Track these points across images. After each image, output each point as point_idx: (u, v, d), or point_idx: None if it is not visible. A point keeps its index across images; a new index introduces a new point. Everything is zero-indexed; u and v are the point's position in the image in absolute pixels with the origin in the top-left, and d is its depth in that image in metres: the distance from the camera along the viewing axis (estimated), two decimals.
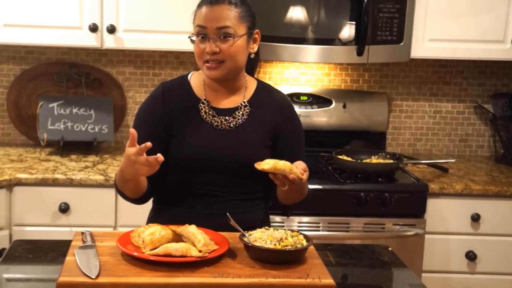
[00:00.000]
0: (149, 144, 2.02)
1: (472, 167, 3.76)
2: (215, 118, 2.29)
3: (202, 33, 2.21)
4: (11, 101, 3.81)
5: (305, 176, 2.11)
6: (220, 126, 2.28)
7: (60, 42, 3.48)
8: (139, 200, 2.31)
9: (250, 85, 2.36)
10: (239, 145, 2.26)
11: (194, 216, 2.23)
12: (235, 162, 2.22)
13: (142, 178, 2.19)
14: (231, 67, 2.24)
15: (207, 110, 2.30)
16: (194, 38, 2.24)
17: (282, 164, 2.06)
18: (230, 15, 2.20)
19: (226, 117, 2.29)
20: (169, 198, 2.30)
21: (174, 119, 2.28)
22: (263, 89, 2.38)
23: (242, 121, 2.30)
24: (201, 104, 2.30)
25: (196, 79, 2.36)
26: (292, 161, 2.24)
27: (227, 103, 2.32)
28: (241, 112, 2.31)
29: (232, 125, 2.29)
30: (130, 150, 2.05)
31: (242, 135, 2.27)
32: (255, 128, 2.30)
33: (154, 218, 2.37)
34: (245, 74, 2.36)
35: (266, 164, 2.05)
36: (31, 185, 3.19)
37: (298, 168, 2.09)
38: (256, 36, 2.31)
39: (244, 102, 2.32)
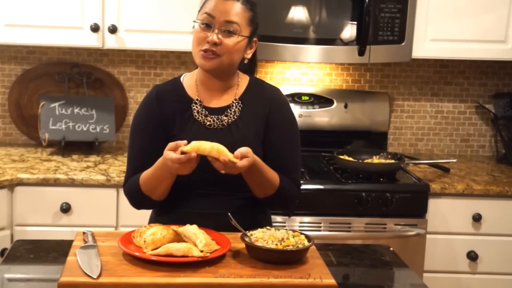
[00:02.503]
0: (183, 142, 2.07)
1: (473, 167, 3.76)
2: (208, 118, 2.29)
3: (208, 22, 2.21)
4: (13, 101, 3.81)
5: (243, 162, 2.06)
6: (213, 125, 2.28)
7: (61, 42, 3.48)
8: (157, 204, 2.31)
9: (242, 82, 2.36)
10: (233, 143, 2.24)
11: (195, 216, 2.23)
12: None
13: None
14: (225, 63, 2.25)
15: (199, 110, 2.30)
16: (197, 24, 2.23)
17: (207, 147, 2.03)
18: (241, 14, 2.22)
19: (219, 116, 2.29)
20: (170, 198, 2.30)
21: (170, 120, 2.29)
22: (255, 84, 2.38)
23: (234, 118, 2.30)
24: (194, 104, 2.30)
25: (188, 80, 2.37)
26: (280, 155, 2.27)
27: (219, 101, 2.32)
28: (233, 110, 2.31)
29: (225, 123, 2.29)
30: (169, 154, 2.07)
31: (235, 133, 2.27)
32: (248, 124, 2.30)
33: (155, 218, 2.38)
34: (238, 72, 2.36)
35: (188, 146, 2.03)
36: (32, 185, 3.19)
37: (239, 151, 2.07)
38: (254, 44, 2.33)
39: (236, 99, 2.32)
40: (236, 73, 2.35)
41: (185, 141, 2.08)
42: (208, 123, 2.28)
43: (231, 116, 2.30)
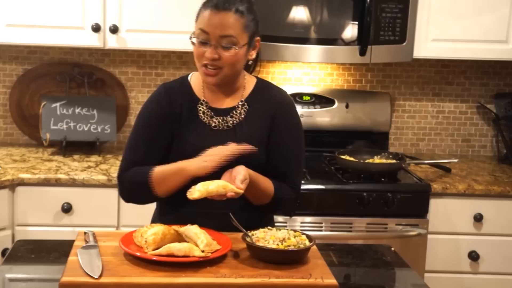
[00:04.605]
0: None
1: (474, 167, 3.76)
2: (213, 119, 2.29)
3: (203, 39, 2.19)
4: (14, 101, 3.81)
5: (243, 186, 2.06)
6: (218, 127, 2.28)
7: (62, 42, 3.48)
8: (155, 200, 2.33)
9: (249, 84, 2.36)
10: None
11: (197, 216, 2.22)
12: (233, 162, 2.17)
13: None
14: (228, 74, 2.25)
15: (205, 111, 2.30)
16: (194, 40, 2.22)
17: (214, 187, 2.01)
18: (235, 24, 2.18)
19: (224, 117, 2.29)
20: (172, 198, 2.30)
21: (176, 119, 2.29)
22: (262, 86, 2.38)
23: (239, 120, 2.29)
24: (200, 105, 2.30)
25: (196, 80, 2.37)
26: (283, 158, 2.28)
27: (225, 102, 2.32)
28: (239, 111, 2.30)
29: (230, 124, 2.29)
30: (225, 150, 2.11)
31: (240, 135, 2.27)
32: (253, 126, 2.30)
33: (158, 218, 2.38)
34: (245, 73, 2.36)
35: (197, 192, 2.01)
36: (33, 185, 3.19)
37: (237, 179, 2.06)
38: (257, 43, 2.31)
39: (242, 101, 2.32)
40: (242, 75, 2.34)
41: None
42: (213, 124, 2.28)
43: (236, 117, 2.30)
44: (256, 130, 2.29)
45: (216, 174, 2.10)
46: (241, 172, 2.09)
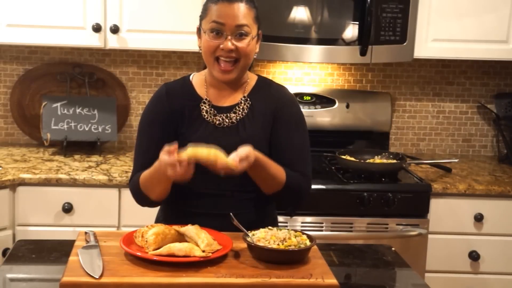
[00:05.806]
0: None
1: (475, 167, 3.76)
2: (217, 117, 2.30)
3: (218, 29, 2.21)
4: (15, 101, 3.81)
5: (242, 164, 2.03)
6: (222, 124, 2.29)
7: (63, 42, 3.48)
8: (159, 203, 2.32)
9: (251, 81, 2.38)
10: (240, 141, 2.25)
11: (198, 216, 2.23)
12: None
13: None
14: (244, 67, 2.27)
15: (208, 110, 2.30)
16: (206, 34, 2.23)
17: (205, 152, 1.98)
18: (248, 14, 2.22)
19: (228, 114, 2.30)
20: (174, 198, 2.30)
21: (179, 118, 2.30)
22: (263, 83, 2.39)
23: (242, 116, 2.30)
24: (202, 104, 2.31)
25: (197, 79, 2.38)
26: (287, 149, 2.28)
27: (228, 100, 2.33)
28: (242, 107, 2.31)
29: (234, 120, 2.29)
30: (162, 157, 2.04)
31: (243, 132, 2.28)
32: (255, 122, 2.30)
33: (161, 218, 2.39)
34: (247, 71, 2.37)
35: (185, 153, 1.98)
36: (34, 185, 3.20)
37: (237, 154, 2.03)
38: (259, 36, 2.33)
39: (244, 97, 2.33)
40: (246, 72, 2.35)
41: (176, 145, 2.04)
42: (217, 122, 2.29)
43: (240, 113, 2.30)
44: (259, 126, 2.30)
45: None
46: (244, 149, 2.07)
